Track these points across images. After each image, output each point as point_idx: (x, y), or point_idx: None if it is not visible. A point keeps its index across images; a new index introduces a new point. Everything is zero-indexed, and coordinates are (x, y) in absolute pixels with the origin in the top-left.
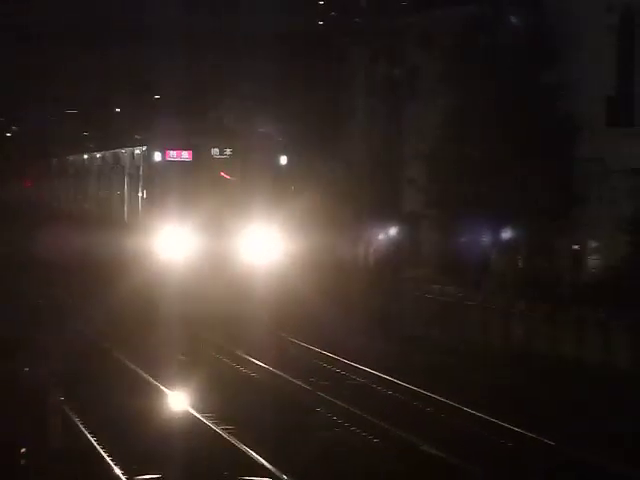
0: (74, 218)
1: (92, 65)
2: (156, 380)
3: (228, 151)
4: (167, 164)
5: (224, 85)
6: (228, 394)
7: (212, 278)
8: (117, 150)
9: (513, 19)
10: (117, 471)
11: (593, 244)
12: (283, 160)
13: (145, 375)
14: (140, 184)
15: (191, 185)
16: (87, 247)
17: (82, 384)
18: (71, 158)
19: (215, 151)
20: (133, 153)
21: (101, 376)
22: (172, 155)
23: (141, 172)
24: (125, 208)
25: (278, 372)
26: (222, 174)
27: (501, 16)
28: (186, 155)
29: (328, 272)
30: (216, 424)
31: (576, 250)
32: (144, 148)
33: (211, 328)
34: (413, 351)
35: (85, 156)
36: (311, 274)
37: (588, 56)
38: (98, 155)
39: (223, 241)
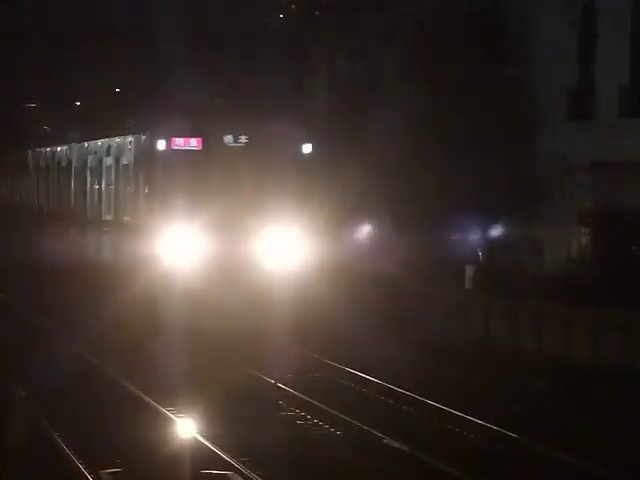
0: (56, 218)
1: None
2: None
3: (244, 138)
4: (172, 154)
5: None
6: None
7: (225, 286)
8: (110, 139)
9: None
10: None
11: (555, 238)
12: (307, 149)
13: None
14: (140, 178)
15: (201, 178)
16: (75, 251)
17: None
18: (52, 150)
19: (229, 138)
20: (130, 142)
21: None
22: (178, 143)
23: (140, 164)
24: (119, 206)
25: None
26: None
27: (463, 13)
28: (194, 143)
29: (349, 277)
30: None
31: (537, 244)
32: (144, 136)
33: (224, 344)
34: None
35: (69, 147)
36: (335, 280)
37: (549, 51)
38: (85, 145)
39: (238, 244)
